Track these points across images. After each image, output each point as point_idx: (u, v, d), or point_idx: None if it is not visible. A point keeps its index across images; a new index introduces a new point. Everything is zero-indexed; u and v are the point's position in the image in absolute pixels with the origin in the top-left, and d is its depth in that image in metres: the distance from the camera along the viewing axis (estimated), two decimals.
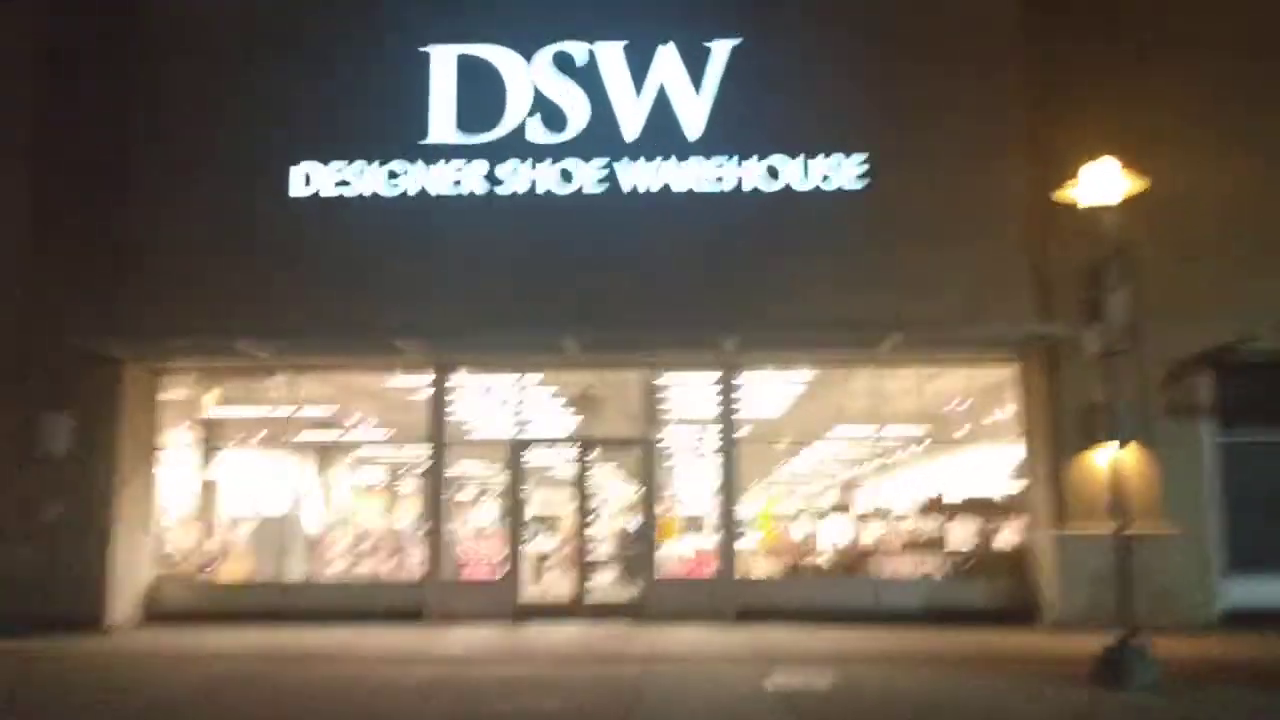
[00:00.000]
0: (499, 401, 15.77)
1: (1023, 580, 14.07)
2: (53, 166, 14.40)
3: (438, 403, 14.97)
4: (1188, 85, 13.77)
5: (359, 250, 14.07)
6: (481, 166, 14.21)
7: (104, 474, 13.97)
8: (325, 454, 17.38)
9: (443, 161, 14.24)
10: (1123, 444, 10.57)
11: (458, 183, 14.21)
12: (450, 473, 15.04)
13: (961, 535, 14.69)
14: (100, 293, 13.96)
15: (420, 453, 15.20)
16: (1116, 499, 10.16)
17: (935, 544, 14.63)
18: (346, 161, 14.26)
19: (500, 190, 14.17)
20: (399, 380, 15.66)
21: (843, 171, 14.02)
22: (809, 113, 14.16)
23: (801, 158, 14.06)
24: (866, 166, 14.01)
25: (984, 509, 14.69)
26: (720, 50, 14.29)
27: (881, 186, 13.95)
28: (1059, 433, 13.58)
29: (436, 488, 14.85)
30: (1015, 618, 13.65)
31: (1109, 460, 12.99)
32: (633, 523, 15.23)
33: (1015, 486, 14.58)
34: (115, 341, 13.74)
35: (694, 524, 15.18)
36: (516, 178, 14.18)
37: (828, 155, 14.05)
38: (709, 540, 14.81)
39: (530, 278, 13.94)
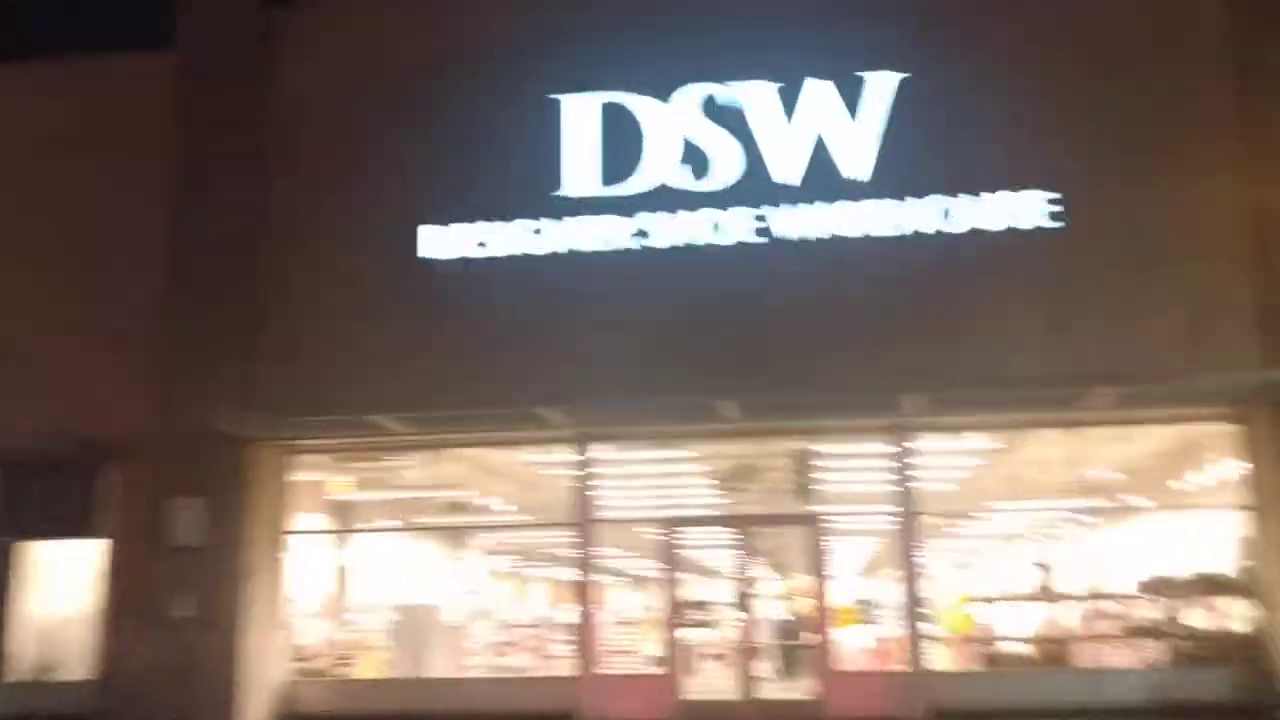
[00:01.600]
0: (647, 477, 14.60)
1: (1258, 669, 12.07)
2: (187, 239, 13.78)
3: (582, 480, 13.78)
4: None
5: (499, 314, 13.10)
6: (626, 219, 13.16)
7: (235, 563, 13.06)
8: (463, 538, 16.53)
9: (585, 216, 13.24)
10: None
11: (601, 237, 13.19)
12: (596, 556, 13.78)
13: (1185, 618, 12.77)
14: (232, 370, 13.22)
15: (563, 535, 14.04)
16: None
17: (1153, 628, 12.72)
18: (483, 220, 13.36)
19: (648, 244, 13.08)
20: (540, 456, 14.63)
21: (1029, 207, 12.53)
22: (985, 145, 12.75)
23: (981, 194, 12.65)
24: (1056, 199, 12.50)
25: (1209, 587, 12.75)
26: (881, 83, 13.04)
27: (1075, 221, 12.41)
28: None
29: (583, 573, 13.59)
30: (1250, 713, 11.71)
31: None
32: (800, 609, 13.72)
33: (1242, 560, 12.64)
34: (251, 420, 12.88)
35: (871, 610, 13.58)
36: (665, 230, 13.08)
37: (1010, 190, 12.60)
38: (890, 629, 13.19)
39: (683, 337, 12.75)
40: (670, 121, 13.36)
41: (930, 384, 11.76)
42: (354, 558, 15.09)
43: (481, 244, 13.36)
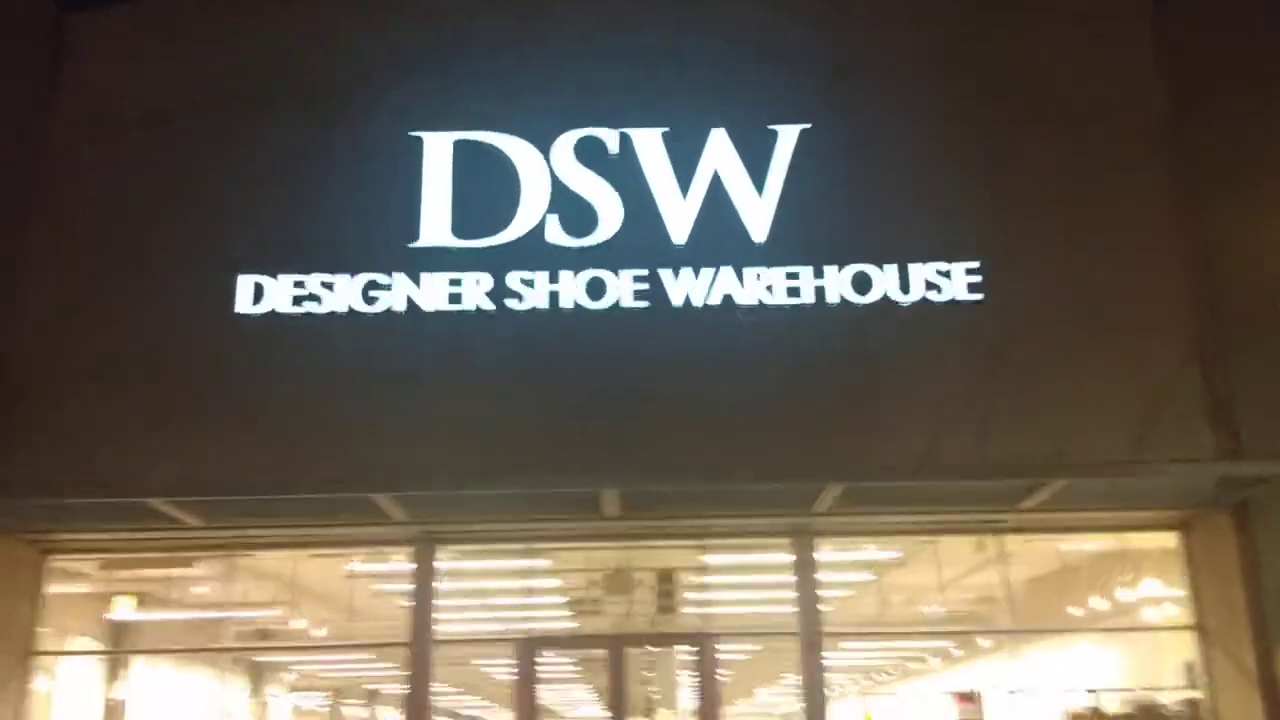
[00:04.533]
0: (500, 594, 12.23)
1: None
2: None
3: (419, 596, 11.24)
4: None
5: (328, 382, 10.62)
6: (488, 276, 11.02)
7: None
8: (266, 670, 13.79)
9: (441, 271, 11.01)
10: None
11: (457, 296, 10.98)
12: (431, 690, 11.16)
13: None
14: None
15: (390, 667, 11.49)
16: None
17: None
18: (312, 272, 10.93)
19: (512, 305, 10.94)
20: (370, 566, 12.13)
21: (951, 279, 10.98)
22: (899, 209, 11.21)
23: (893, 262, 11.06)
24: (977, 269, 10.99)
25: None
26: (783, 136, 11.45)
27: (999, 296, 10.89)
28: (1261, 617, 10.13)
29: (418, 709, 10.92)
30: None
31: None
32: None
33: (1187, 689, 11.02)
34: None
35: None
36: (533, 290, 10.98)
37: (927, 260, 11.05)
38: None
39: (552, 416, 10.53)
40: (546, 168, 11.39)
41: (851, 474, 9.82)
42: (131, 691, 12.04)
43: (313, 297, 10.92)
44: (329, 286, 10.92)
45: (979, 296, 10.91)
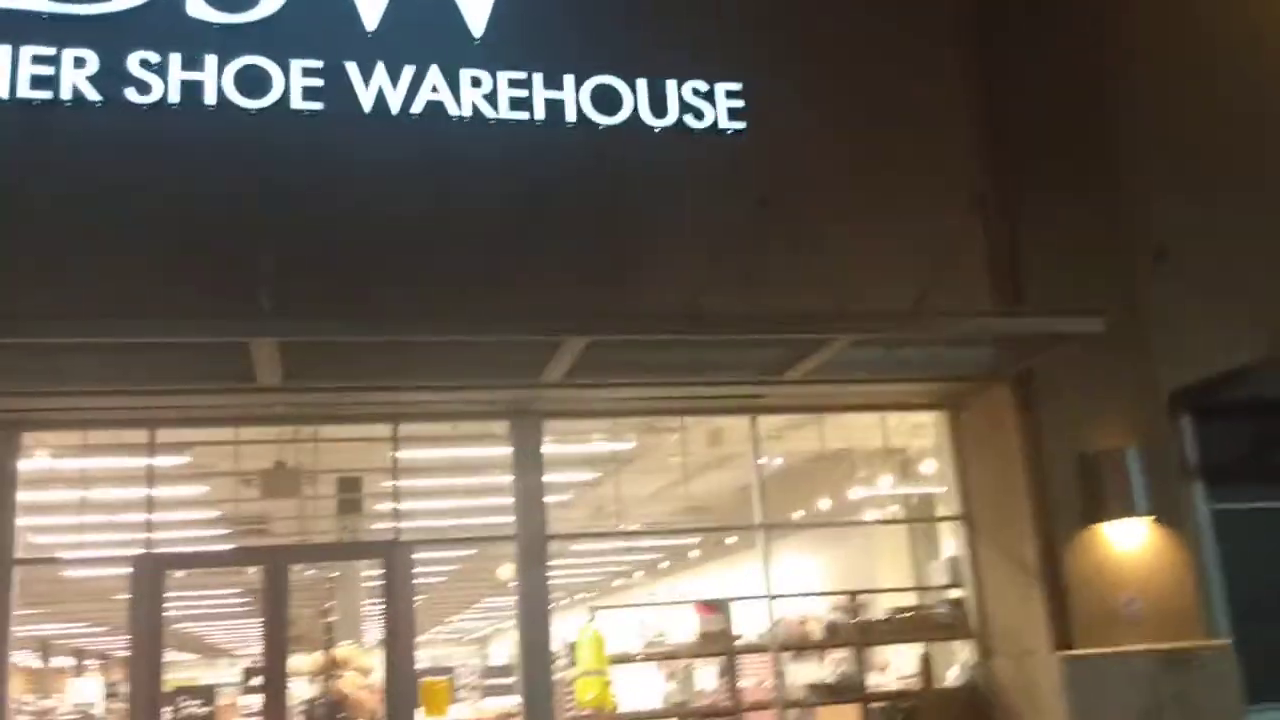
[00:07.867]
0: (116, 486, 9.25)
1: None
2: None
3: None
4: None
5: None
6: (94, 55, 7.85)
7: None
8: None
9: (17, 44, 7.73)
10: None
11: (46, 79, 7.74)
12: (23, 622, 8.15)
13: (889, 667, 9.73)
14: None
15: None
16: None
17: (849, 684, 9.42)
18: None
19: (132, 97, 7.85)
20: None
21: (712, 102, 8.98)
22: (658, 17, 9.11)
23: (647, 80, 8.92)
24: (743, 95, 9.05)
25: (919, 626, 9.67)
26: None
27: (767, 126, 9.03)
28: (1044, 506, 8.91)
29: None
30: None
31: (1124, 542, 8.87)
32: (367, 685, 9.01)
33: (949, 589, 9.80)
34: None
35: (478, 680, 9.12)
36: (161, 78, 7.91)
37: (686, 79, 8.99)
38: (504, 704, 8.85)
39: (187, 243, 7.70)
40: None
41: (595, 327, 7.53)
42: None
43: None
44: None
45: (742, 125, 9.00)
